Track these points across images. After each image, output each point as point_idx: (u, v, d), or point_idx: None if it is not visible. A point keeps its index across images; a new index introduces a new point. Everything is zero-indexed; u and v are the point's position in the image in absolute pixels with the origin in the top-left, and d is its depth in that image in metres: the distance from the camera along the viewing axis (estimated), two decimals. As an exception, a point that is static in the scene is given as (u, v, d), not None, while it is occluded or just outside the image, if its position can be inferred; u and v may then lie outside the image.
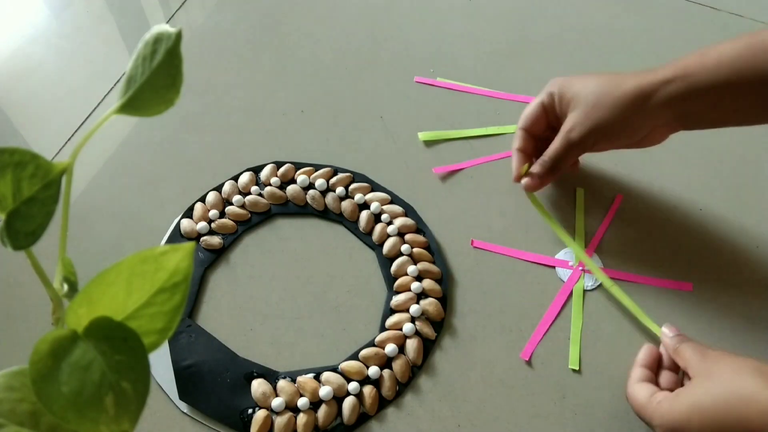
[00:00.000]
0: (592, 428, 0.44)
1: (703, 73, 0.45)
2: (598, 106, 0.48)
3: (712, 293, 0.51)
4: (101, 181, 0.57)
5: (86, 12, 0.73)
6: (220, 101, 0.64)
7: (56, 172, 0.23)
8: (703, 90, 0.45)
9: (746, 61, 0.44)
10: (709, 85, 0.45)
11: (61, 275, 0.25)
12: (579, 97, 0.49)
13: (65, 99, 0.64)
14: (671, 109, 0.47)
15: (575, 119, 0.49)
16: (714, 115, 0.47)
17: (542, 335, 0.49)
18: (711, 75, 0.44)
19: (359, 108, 0.64)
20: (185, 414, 0.45)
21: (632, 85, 0.47)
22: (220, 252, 0.53)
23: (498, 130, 0.62)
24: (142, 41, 0.25)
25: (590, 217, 0.55)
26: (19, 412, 0.23)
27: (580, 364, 0.47)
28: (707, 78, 0.44)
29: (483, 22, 0.72)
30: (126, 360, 0.21)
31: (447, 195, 0.57)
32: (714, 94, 0.45)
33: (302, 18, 0.72)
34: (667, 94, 0.46)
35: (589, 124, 0.48)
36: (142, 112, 0.25)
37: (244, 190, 0.56)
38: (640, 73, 0.47)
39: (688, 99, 0.46)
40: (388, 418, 0.45)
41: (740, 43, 0.44)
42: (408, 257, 0.52)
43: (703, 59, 0.45)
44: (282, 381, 0.46)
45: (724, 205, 0.56)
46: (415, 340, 0.48)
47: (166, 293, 0.22)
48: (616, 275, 0.52)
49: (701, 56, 0.45)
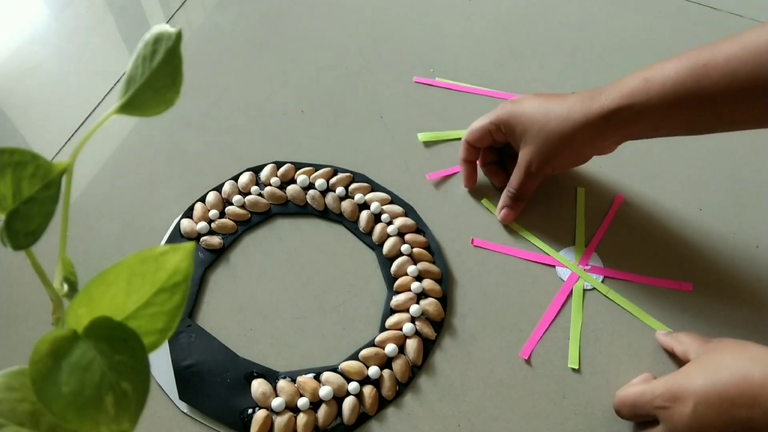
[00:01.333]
0: (592, 428, 0.44)
1: (648, 100, 0.45)
2: (549, 143, 0.50)
3: (712, 293, 0.51)
4: (101, 181, 0.57)
5: (86, 12, 0.73)
6: (220, 101, 0.64)
7: (56, 172, 0.23)
8: (649, 114, 0.46)
9: (689, 87, 0.44)
10: (653, 110, 0.46)
11: (61, 275, 0.25)
12: (529, 134, 0.51)
13: (65, 99, 0.64)
14: (618, 134, 0.49)
15: (530, 155, 0.51)
16: (660, 132, 0.48)
17: (542, 334, 0.49)
18: (655, 101, 0.45)
19: (359, 108, 0.64)
20: (185, 414, 0.45)
21: (579, 120, 0.48)
22: (220, 252, 0.53)
23: None
24: (142, 41, 0.25)
25: (591, 216, 0.55)
26: (19, 412, 0.23)
27: (579, 363, 0.47)
28: (652, 104, 0.45)
29: (483, 22, 0.72)
30: (126, 360, 0.21)
31: (447, 195, 0.57)
32: (659, 116, 0.46)
33: (302, 18, 0.72)
34: (614, 124, 0.47)
35: (543, 158, 0.51)
36: (142, 112, 0.25)
37: (244, 190, 0.56)
38: (584, 101, 0.48)
39: (634, 123, 0.47)
40: (388, 418, 0.45)
41: (682, 67, 0.44)
42: (408, 257, 0.52)
43: (647, 85, 0.46)
44: (282, 381, 0.46)
45: (724, 205, 0.56)
46: (415, 340, 0.48)
47: (166, 293, 0.22)
48: (617, 275, 0.52)
49: (645, 82, 0.46)
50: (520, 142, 0.52)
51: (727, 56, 0.43)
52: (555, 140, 0.49)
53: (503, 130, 0.53)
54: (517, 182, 0.53)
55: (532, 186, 0.53)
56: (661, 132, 0.48)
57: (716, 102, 0.44)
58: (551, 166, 0.52)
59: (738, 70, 0.42)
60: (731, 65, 0.42)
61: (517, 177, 0.53)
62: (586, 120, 0.48)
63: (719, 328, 0.49)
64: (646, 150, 0.56)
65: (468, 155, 0.56)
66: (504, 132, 0.53)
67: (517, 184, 0.53)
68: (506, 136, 0.53)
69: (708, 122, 0.46)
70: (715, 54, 0.43)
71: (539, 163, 0.51)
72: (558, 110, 0.49)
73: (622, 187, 0.57)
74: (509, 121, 0.52)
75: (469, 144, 0.55)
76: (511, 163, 0.55)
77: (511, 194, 0.54)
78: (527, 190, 0.53)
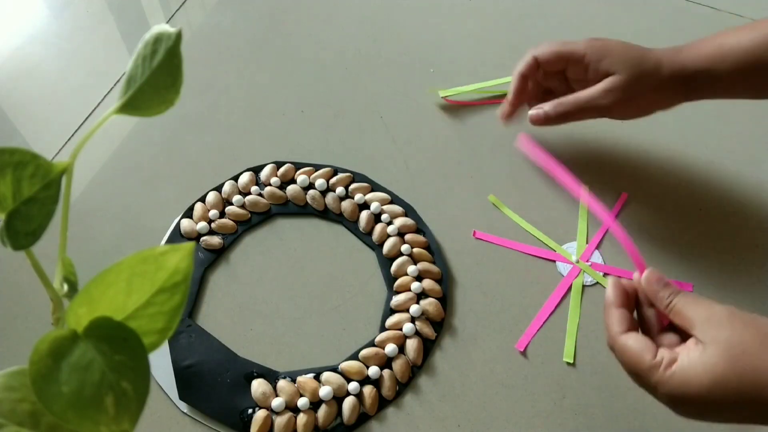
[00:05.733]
0: (592, 428, 0.44)
1: (724, 66, 0.48)
2: (640, 84, 0.49)
3: (712, 293, 0.51)
4: (101, 181, 0.57)
5: (86, 12, 0.73)
6: (220, 101, 0.64)
7: (56, 172, 0.23)
8: (723, 80, 0.49)
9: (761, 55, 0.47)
10: (727, 76, 0.48)
11: (61, 275, 0.25)
12: (621, 65, 0.50)
13: (65, 99, 0.64)
14: (690, 96, 0.51)
15: (614, 84, 0.50)
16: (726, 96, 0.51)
17: (538, 328, 0.49)
18: (730, 66, 0.48)
19: (359, 108, 0.64)
20: (185, 414, 0.45)
21: (668, 74, 0.49)
22: (220, 252, 0.53)
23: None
24: (142, 41, 0.25)
25: (592, 214, 0.55)
26: (19, 412, 0.23)
27: (575, 358, 0.47)
28: (727, 69, 0.48)
29: (483, 22, 0.72)
30: (126, 360, 0.21)
31: (447, 195, 0.57)
32: (731, 82, 0.49)
33: (302, 18, 0.72)
34: (693, 87, 0.50)
35: (627, 95, 0.50)
36: (142, 112, 0.25)
37: (244, 190, 0.56)
38: (670, 57, 0.50)
39: (708, 89, 0.50)
40: (388, 418, 0.45)
41: (758, 35, 0.47)
42: (408, 257, 0.52)
43: (722, 51, 0.48)
44: (282, 381, 0.46)
45: (724, 205, 0.56)
46: (415, 340, 0.48)
47: (166, 293, 0.22)
48: (617, 273, 0.52)
49: (719, 48, 0.48)
50: (605, 73, 0.50)
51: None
52: (645, 83, 0.49)
53: (587, 60, 0.50)
54: (581, 97, 0.50)
55: (588, 111, 0.51)
56: (726, 95, 0.51)
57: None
58: (621, 107, 0.50)
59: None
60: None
61: (587, 94, 0.50)
62: (672, 77, 0.49)
63: (719, 328, 0.49)
64: (647, 150, 0.56)
65: (528, 70, 0.53)
66: (587, 63, 0.50)
67: (579, 100, 0.50)
68: (588, 68, 0.51)
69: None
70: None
71: (618, 96, 0.49)
72: (650, 57, 0.50)
73: (623, 186, 0.57)
74: (600, 51, 0.50)
75: (537, 60, 0.53)
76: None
77: (564, 104, 0.51)
78: (582, 111, 0.51)
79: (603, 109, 0.51)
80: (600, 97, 0.50)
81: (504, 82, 0.65)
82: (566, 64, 0.52)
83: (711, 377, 0.33)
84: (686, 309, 0.35)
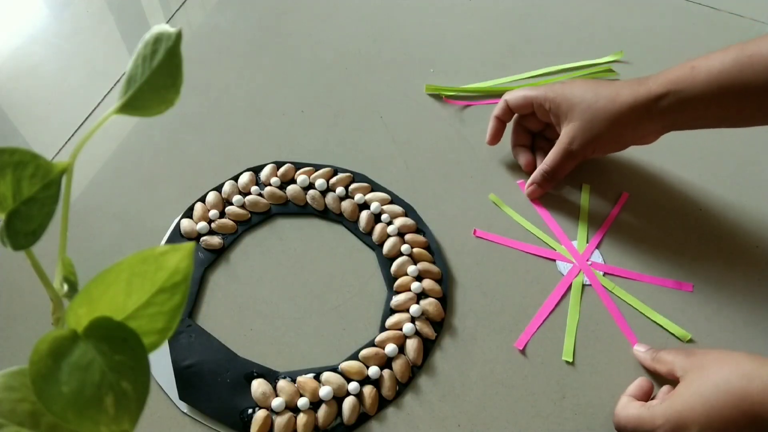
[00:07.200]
0: (592, 428, 0.44)
1: (694, 88, 0.47)
2: (595, 121, 0.50)
3: (712, 293, 0.51)
4: (101, 181, 0.57)
5: (86, 12, 0.73)
6: (220, 101, 0.64)
7: (56, 172, 0.23)
8: (693, 102, 0.47)
9: (733, 77, 0.45)
10: (698, 98, 0.47)
11: (61, 275, 0.25)
12: (576, 110, 0.51)
13: (65, 99, 0.64)
14: (662, 121, 0.50)
15: (574, 132, 0.52)
16: (702, 122, 0.50)
17: (538, 326, 0.49)
18: (700, 89, 0.47)
19: (359, 108, 0.64)
20: (185, 414, 0.45)
21: (627, 102, 0.49)
22: (220, 252, 0.53)
23: (508, 79, 0.65)
24: (142, 41, 0.25)
25: (595, 213, 0.55)
26: (19, 412, 0.23)
27: (574, 357, 0.47)
28: (697, 92, 0.47)
29: (483, 22, 0.72)
30: (126, 360, 0.21)
31: (447, 195, 0.57)
32: (703, 105, 0.47)
33: (302, 18, 0.72)
34: (660, 109, 0.48)
35: (587, 136, 0.51)
36: (142, 112, 0.25)
37: (244, 190, 0.56)
38: (632, 86, 0.50)
39: (678, 111, 0.48)
40: (388, 418, 0.45)
41: (728, 57, 0.46)
42: (408, 257, 0.52)
43: (693, 73, 0.47)
44: (282, 381, 0.46)
45: (724, 205, 0.56)
46: (415, 340, 0.48)
47: (166, 293, 0.22)
48: (617, 272, 0.52)
49: (691, 70, 0.47)
50: (564, 120, 0.52)
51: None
52: (601, 119, 0.50)
53: (548, 107, 0.53)
54: (553, 160, 0.53)
55: (568, 166, 0.54)
56: (702, 122, 0.49)
57: (759, 94, 0.45)
58: (592, 147, 0.52)
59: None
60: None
61: (556, 154, 0.53)
62: (634, 102, 0.49)
63: (719, 329, 0.49)
64: (647, 150, 0.56)
65: (502, 114, 0.57)
66: (548, 109, 0.53)
67: (553, 162, 0.53)
68: (549, 113, 0.53)
69: (749, 114, 0.47)
70: (761, 46, 0.45)
71: (582, 141, 0.51)
72: (607, 92, 0.50)
73: (624, 186, 0.57)
74: (556, 98, 0.52)
75: (507, 105, 0.56)
76: (541, 152, 0.56)
77: (545, 171, 0.54)
78: (562, 169, 0.54)
79: (579, 154, 0.52)
80: (568, 144, 0.52)
81: (504, 81, 0.65)
82: (532, 108, 0.55)
83: (690, 391, 0.39)
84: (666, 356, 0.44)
